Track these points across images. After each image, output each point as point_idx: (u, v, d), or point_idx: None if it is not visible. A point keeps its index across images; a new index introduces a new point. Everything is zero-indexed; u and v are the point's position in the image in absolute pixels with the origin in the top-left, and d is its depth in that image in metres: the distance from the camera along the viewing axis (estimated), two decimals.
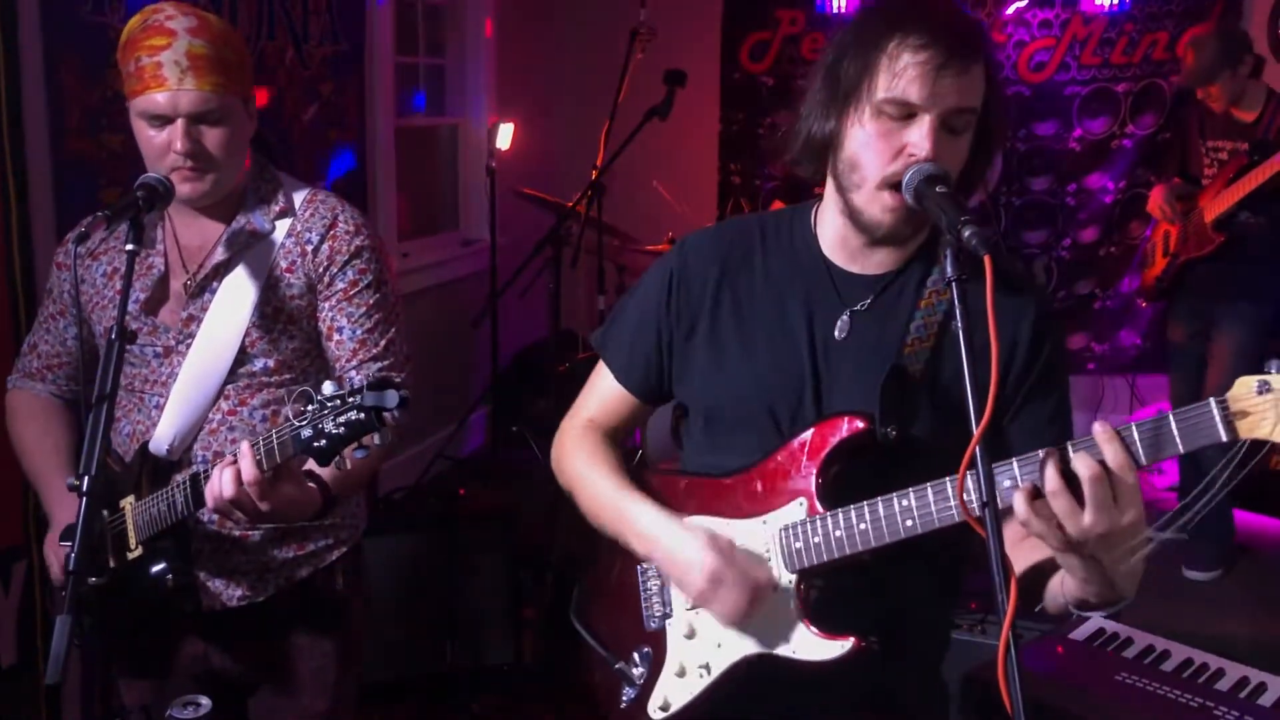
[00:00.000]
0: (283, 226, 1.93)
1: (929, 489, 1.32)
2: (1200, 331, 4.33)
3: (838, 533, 1.40)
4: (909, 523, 1.34)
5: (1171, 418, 1.19)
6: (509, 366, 5.45)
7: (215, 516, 1.89)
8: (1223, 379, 4.21)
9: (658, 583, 1.60)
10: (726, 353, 1.56)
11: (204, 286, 1.90)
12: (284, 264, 1.91)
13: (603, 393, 1.74)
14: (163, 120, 1.78)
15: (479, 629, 3.46)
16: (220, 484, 1.67)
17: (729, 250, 1.60)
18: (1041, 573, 1.40)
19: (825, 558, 1.41)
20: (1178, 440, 1.19)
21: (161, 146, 1.79)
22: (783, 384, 1.51)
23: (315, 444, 1.58)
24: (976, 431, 1.18)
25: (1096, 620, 2.34)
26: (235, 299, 1.89)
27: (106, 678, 1.83)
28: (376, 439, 1.57)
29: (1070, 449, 1.22)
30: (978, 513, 1.20)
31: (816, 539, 1.42)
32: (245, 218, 1.92)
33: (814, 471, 1.44)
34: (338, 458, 1.59)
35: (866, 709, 1.54)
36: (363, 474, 1.93)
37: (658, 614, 1.59)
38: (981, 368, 1.19)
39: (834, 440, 1.44)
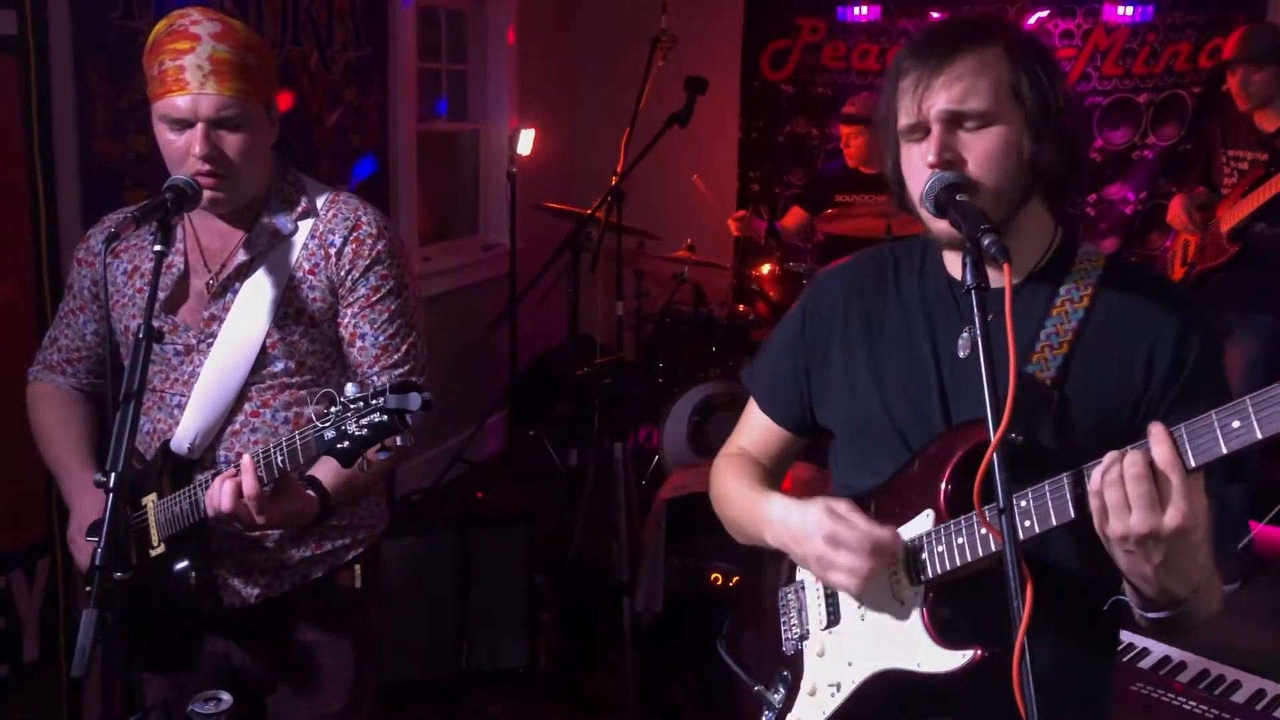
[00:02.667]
0: (305, 228, 1.94)
1: (1046, 487, 1.29)
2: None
3: (959, 540, 1.38)
4: (1027, 523, 1.31)
5: (1214, 416, 1.17)
6: (527, 371, 5.46)
7: None
8: (1237, 389, 4.19)
9: (796, 604, 1.61)
10: (857, 375, 1.58)
11: (226, 287, 1.91)
12: (306, 266, 1.93)
13: (753, 426, 1.77)
14: (183, 124, 1.79)
15: (494, 631, 3.48)
16: (219, 496, 1.69)
17: (861, 276, 1.64)
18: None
19: (947, 566, 1.39)
20: (1221, 441, 1.16)
21: (181, 150, 1.80)
22: (910, 402, 1.52)
23: (338, 445, 1.60)
24: (994, 439, 1.19)
25: None
26: (257, 300, 1.91)
27: (129, 673, 1.84)
28: (399, 440, 1.59)
29: (1129, 448, 1.22)
30: (996, 521, 1.20)
31: (940, 548, 1.40)
32: (268, 219, 1.93)
33: (941, 481, 1.43)
34: (360, 459, 1.61)
35: None
36: (367, 481, 1.94)
37: (795, 635, 1.60)
38: (1002, 373, 1.19)
39: (960, 449, 1.42)
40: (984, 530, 1.34)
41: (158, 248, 1.67)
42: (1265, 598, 4.19)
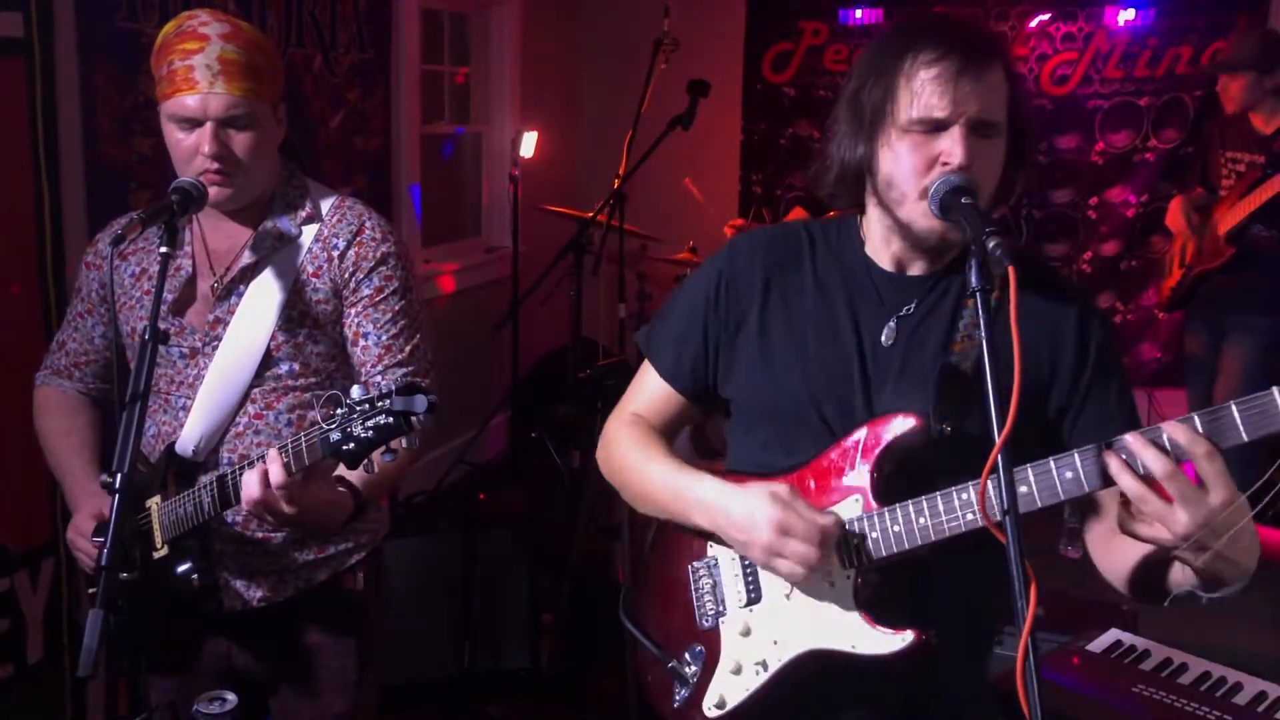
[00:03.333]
0: (309, 232, 1.95)
1: (990, 482, 1.31)
2: (1213, 344, 4.32)
3: (895, 528, 1.41)
4: (969, 516, 1.35)
5: (1234, 406, 1.21)
6: (529, 373, 5.47)
7: (239, 518, 1.92)
8: (1230, 391, 4.20)
9: (710, 580, 1.61)
10: (775, 352, 1.58)
11: (231, 289, 1.92)
12: (310, 269, 1.94)
13: (649, 391, 1.74)
14: (192, 123, 1.80)
15: (497, 633, 3.48)
16: (248, 486, 1.69)
17: (778, 252, 1.63)
18: (1157, 564, 1.42)
19: (885, 552, 1.42)
20: (1241, 429, 1.22)
21: (190, 149, 1.81)
22: (833, 386, 1.53)
23: (344, 447, 1.60)
24: (999, 439, 1.20)
25: (1114, 632, 2.35)
26: (262, 303, 1.92)
27: (134, 674, 1.85)
28: (404, 443, 1.59)
29: (1129, 438, 1.26)
30: (998, 519, 1.22)
31: (874, 534, 1.43)
32: (272, 222, 1.94)
33: (869, 468, 1.45)
34: (366, 461, 1.62)
35: (919, 707, 1.54)
36: (392, 479, 1.95)
37: (711, 612, 1.59)
38: (1008, 376, 1.21)
39: (888, 437, 1.45)
40: (922, 520, 1.39)
41: (163, 249, 1.68)
42: (1267, 599, 4.19)
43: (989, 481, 1.29)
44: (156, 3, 3.11)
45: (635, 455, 1.69)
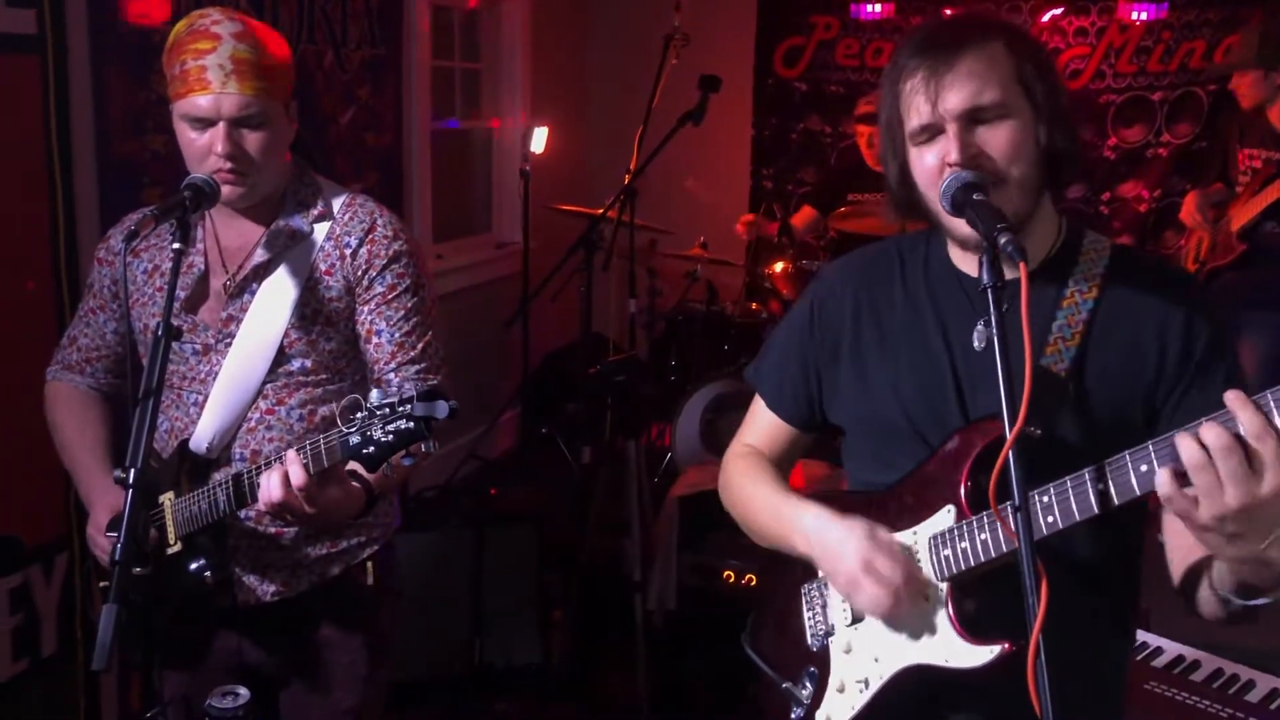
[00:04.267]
0: (321, 230, 1.95)
1: (1067, 482, 1.29)
2: None
3: (983, 536, 1.38)
4: (1049, 519, 1.30)
5: None
6: (539, 369, 5.47)
7: (252, 513, 1.93)
8: (1247, 388, 4.19)
9: (820, 600, 1.61)
10: (869, 371, 1.58)
11: (244, 287, 1.93)
12: (323, 266, 1.94)
13: (760, 423, 1.77)
14: (205, 123, 1.81)
15: (507, 629, 3.49)
16: (269, 488, 1.70)
17: (868, 273, 1.63)
18: (1197, 575, 1.38)
19: (972, 562, 1.39)
20: None
21: (203, 149, 1.82)
22: (926, 398, 1.52)
23: (363, 451, 1.60)
24: (1010, 436, 1.19)
25: None
26: (275, 300, 1.92)
27: (148, 668, 1.86)
28: (424, 448, 1.59)
29: (1202, 422, 1.16)
30: (1013, 524, 1.20)
31: (963, 544, 1.40)
32: (285, 220, 1.94)
33: (962, 477, 1.43)
34: (385, 465, 1.62)
35: None
36: (401, 477, 1.96)
37: (820, 632, 1.60)
38: (1018, 368, 1.20)
39: (979, 444, 1.42)
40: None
41: (176, 246, 1.68)
42: None
43: (1052, 487, 1.26)
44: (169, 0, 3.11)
45: (745, 485, 1.72)
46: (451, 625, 3.43)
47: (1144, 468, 1.22)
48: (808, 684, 1.60)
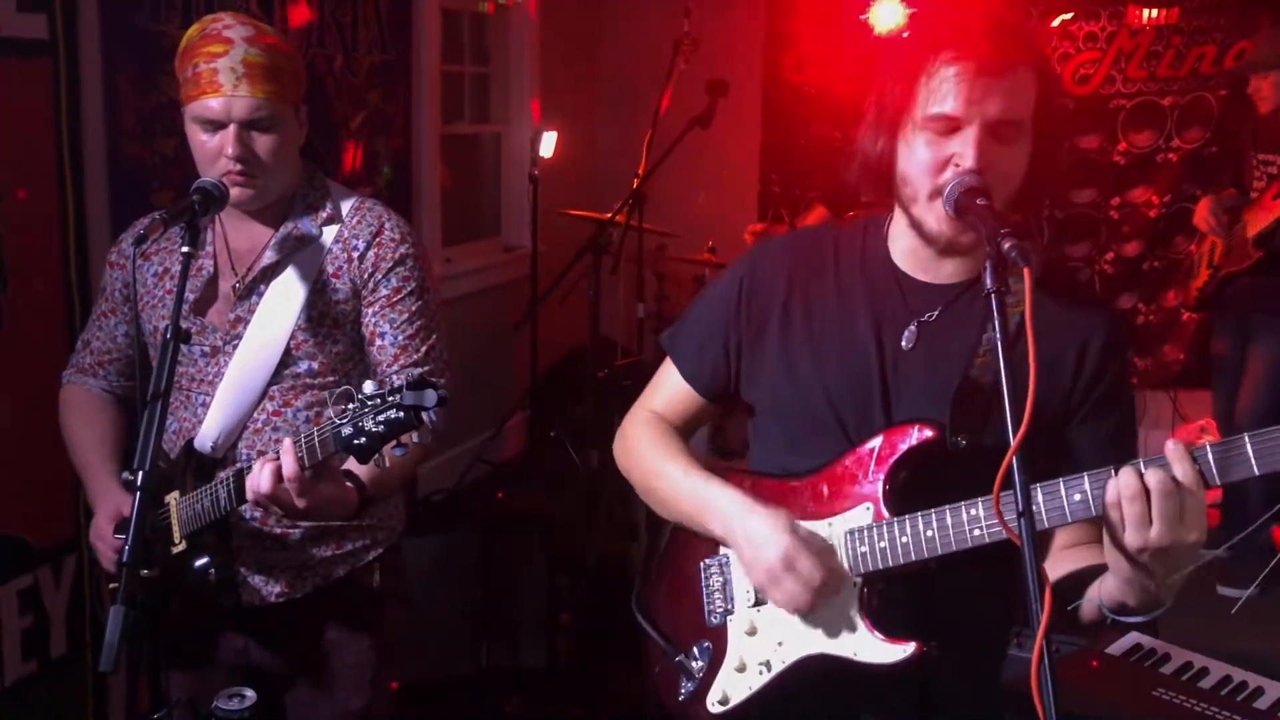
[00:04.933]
0: (330, 232, 1.97)
1: (1061, 485, 1.31)
2: (1240, 346, 4.29)
3: (904, 539, 1.41)
4: (976, 532, 1.35)
5: (1247, 439, 1.20)
6: (548, 372, 5.48)
7: (257, 513, 1.94)
8: (1255, 395, 4.17)
9: (720, 578, 1.61)
10: (796, 358, 1.58)
11: (252, 289, 1.94)
12: (330, 269, 1.95)
13: (669, 390, 1.75)
14: (216, 125, 1.82)
15: (515, 631, 3.49)
16: (259, 479, 1.70)
17: (802, 257, 1.62)
18: (1080, 580, 1.42)
19: (891, 563, 1.42)
20: (1253, 462, 1.20)
21: (214, 151, 1.83)
22: (851, 391, 1.53)
23: (355, 441, 1.61)
24: (1014, 442, 1.19)
25: (1133, 635, 2.33)
26: (282, 302, 1.93)
27: (155, 669, 1.87)
28: (415, 437, 1.60)
29: (1143, 464, 1.25)
30: (1014, 523, 1.21)
31: (883, 544, 1.43)
32: (293, 223, 1.96)
33: (882, 477, 1.45)
34: (377, 455, 1.63)
35: (920, 715, 1.54)
36: (400, 476, 1.96)
37: (719, 609, 1.60)
38: (1023, 379, 1.20)
39: (903, 447, 1.45)
40: (930, 533, 1.38)
41: (185, 249, 1.70)
42: None
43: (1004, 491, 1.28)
44: (179, 4, 3.13)
45: (654, 455, 1.70)
46: (459, 628, 3.43)
47: (1077, 497, 1.29)
48: (701, 658, 1.61)
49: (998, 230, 1.28)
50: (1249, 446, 1.20)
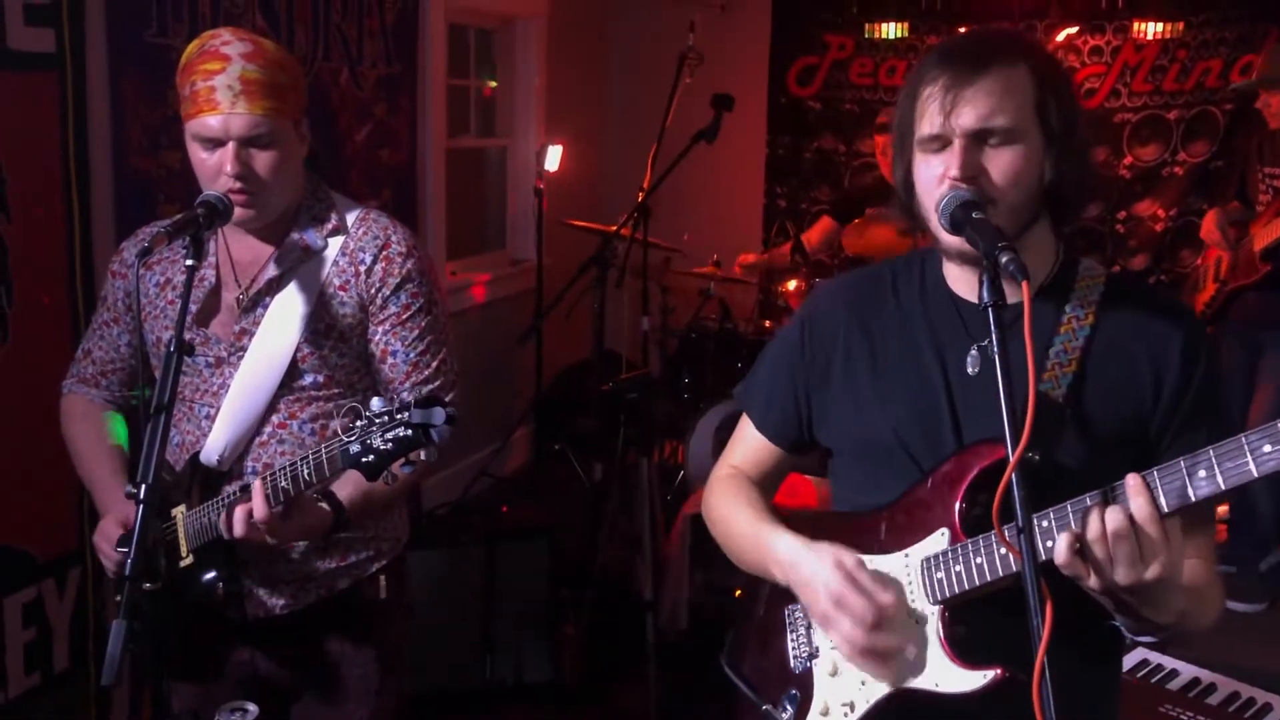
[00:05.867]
0: (335, 244, 1.96)
1: (1068, 507, 1.29)
2: (1248, 360, 4.28)
3: (978, 559, 1.37)
4: (1049, 543, 1.30)
5: (1182, 462, 1.20)
6: (552, 386, 5.48)
7: None
8: (1265, 408, 4.15)
9: (805, 623, 1.59)
10: (862, 394, 1.57)
11: (257, 301, 1.94)
12: (337, 282, 1.95)
13: (746, 443, 1.75)
14: (215, 143, 1.81)
15: (519, 645, 3.48)
16: (234, 524, 1.75)
17: (860, 294, 1.62)
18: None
19: (966, 586, 1.38)
20: (1189, 486, 1.20)
21: (213, 169, 1.82)
22: (920, 421, 1.51)
23: (363, 459, 1.61)
24: (1013, 458, 1.19)
25: (1140, 651, 2.32)
26: (287, 315, 1.93)
27: (157, 682, 1.86)
28: (424, 455, 1.60)
29: (1106, 498, 1.24)
30: (1014, 541, 1.21)
31: (958, 567, 1.39)
32: (298, 235, 1.95)
33: (956, 500, 1.42)
34: (385, 473, 1.63)
35: None
36: (388, 495, 1.93)
37: (804, 654, 1.57)
38: (1021, 386, 1.19)
39: (976, 467, 1.41)
40: (1004, 550, 1.33)
41: (189, 262, 1.69)
42: None
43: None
44: (186, 18, 3.14)
45: (728, 508, 1.70)
46: (463, 641, 3.43)
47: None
48: (788, 706, 1.58)
49: (995, 243, 1.28)
50: (1184, 472, 1.20)
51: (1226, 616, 1.45)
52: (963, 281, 1.53)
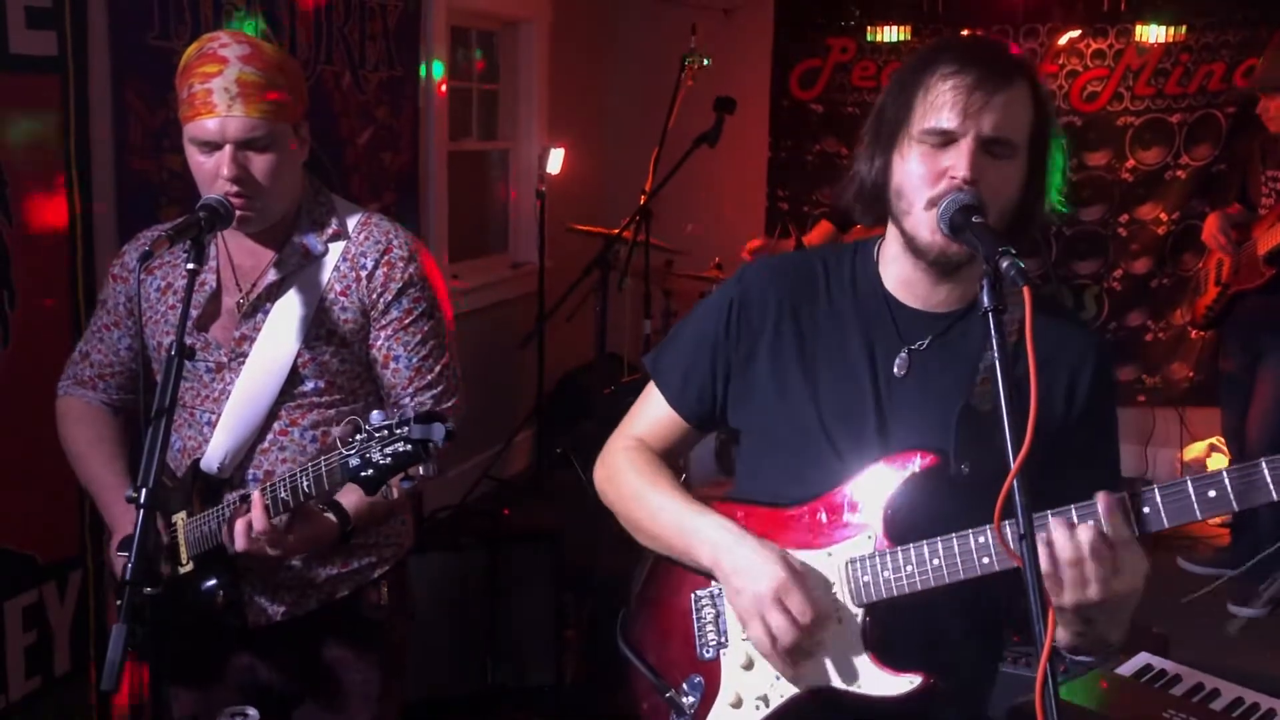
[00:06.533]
0: (336, 249, 1.95)
1: (1007, 525, 1.29)
2: (1249, 364, 4.27)
3: (909, 568, 1.39)
4: (985, 560, 1.33)
5: (1190, 483, 1.24)
6: (554, 388, 5.48)
7: None
8: (1265, 413, 4.14)
9: (713, 610, 1.58)
10: (788, 382, 1.56)
11: (257, 306, 1.93)
12: (338, 287, 1.94)
13: (652, 415, 1.71)
14: (212, 146, 1.81)
15: (521, 649, 3.48)
16: (235, 538, 1.75)
17: (792, 281, 1.61)
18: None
19: (896, 592, 1.40)
20: (1195, 508, 1.25)
21: (211, 172, 1.82)
22: (846, 417, 1.51)
23: (362, 473, 1.60)
24: (1015, 464, 1.18)
25: (1144, 656, 2.31)
26: (288, 320, 1.92)
27: (158, 688, 1.86)
28: (422, 470, 1.59)
29: (1075, 516, 1.27)
30: (1015, 546, 1.21)
31: (886, 573, 1.41)
32: (299, 239, 1.94)
33: (883, 505, 1.43)
34: (384, 487, 1.62)
35: None
36: (390, 506, 1.93)
37: (712, 643, 1.57)
38: (1022, 400, 1.19)
39: (905, 474, 1.43)
40: (937, 561, 1.36)
41: (190, 266, 1.69)
42: None
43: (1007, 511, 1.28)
44: (188, 20, 3.14)
45: (638, 483, 1.66)
46: (465, 645, 3.42)
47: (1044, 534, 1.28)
48: (691, 693, 1.57)
49: (996, 248, 1.27)
50: (1190, 489, 1.24)
51: (1230, 621, 1.46)
52: (902, 284, 1.53)
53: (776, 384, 1.57)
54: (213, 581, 1.88)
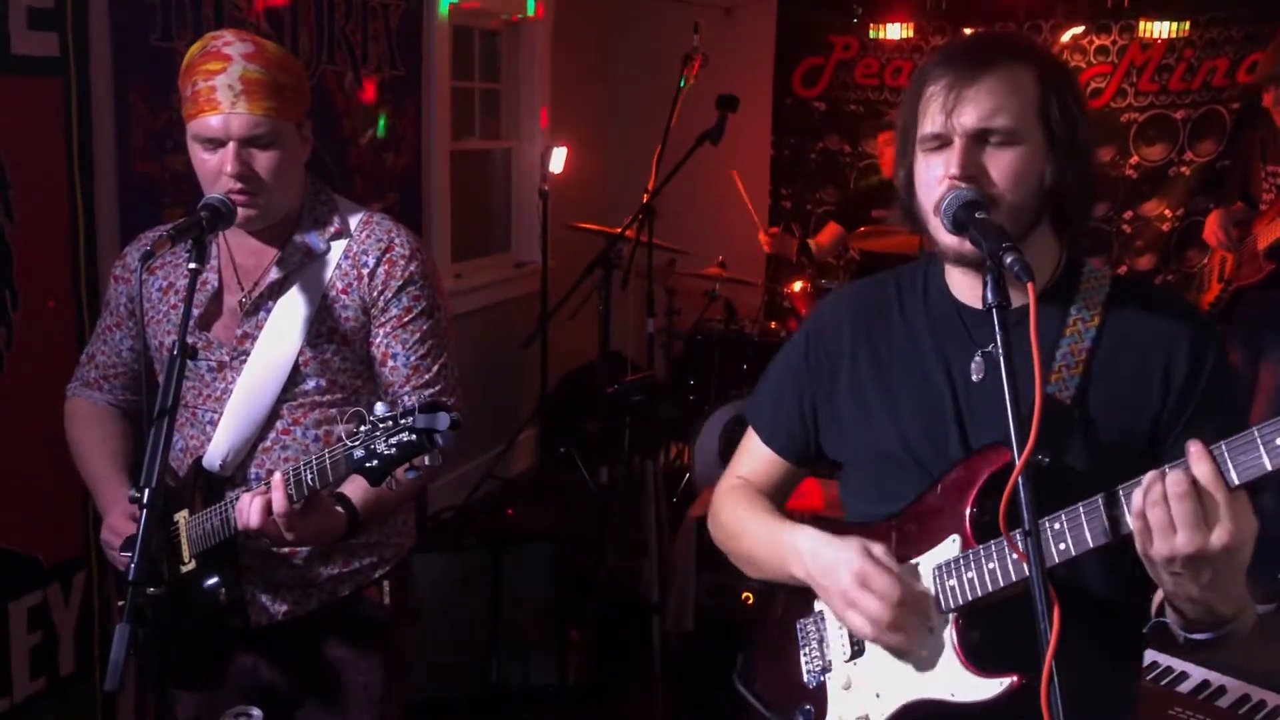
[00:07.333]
0: (338, 248, 1.96)
1: (1080, 508, 1.27)
2: (1252, 359, 4.26)
3: (990, 565, 1.35)
4: (1061, 545, 1.29)
5: (1256, 430, 1.15)
6: (557, 388, 5.48)
7: None
8: (1266, 408, 4.13)
9: (817, 636, 1.58)
10: (869, 406, 1.56)
11: (259, 305, 1.93)
12: (340, 285, 1.94)
13: (753, 455, 1.74)
14: (215, 143, 1.81)
15: (524, 649, 3.48)
16: (249, 513, 1.72)
17: (863, 304, 1.62)
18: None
19: (980, 592, 1.37)
20: (1263, 453, 1.15)
21: (214, 169, 1.82)
22: (927, 429, 1.50)
23: (367, 464, 1.61)
24: (1020, 460, 1.17)
25: (1150, 654, 2.31)
26: (290, 319, 1.92)
27: (161, 688, 1.86)
28: (427, 460, 1.59)
29: (1168, 467, 1.20)
30: (1020, 544, 1.19)
31: (970, 574, 1.38)
32: (301, 238, 1.95)
33: (966, 506, 1.41)
34: (389, 477, 1.62)
35: None
36: (398, 498, 1.95)
37: (816, 668, 1.57)
38: (1027, 390, 1.18)
39: (985, 472, 1.40)
40: (1015, 555, 1.32)
41: (192, 265, 1.69)
42: None
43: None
44: (190, 21, 3.14)
45: (738, 516, 1.69)
46: (468, 645, 3.42)
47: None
48: None
49: (999, 244, 1.26)
50: (1259, 441, 1.15)
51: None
52: (965, 286, 1.52)
53: (859, 409, 1.58)
54: (214, 579, 1.88)
